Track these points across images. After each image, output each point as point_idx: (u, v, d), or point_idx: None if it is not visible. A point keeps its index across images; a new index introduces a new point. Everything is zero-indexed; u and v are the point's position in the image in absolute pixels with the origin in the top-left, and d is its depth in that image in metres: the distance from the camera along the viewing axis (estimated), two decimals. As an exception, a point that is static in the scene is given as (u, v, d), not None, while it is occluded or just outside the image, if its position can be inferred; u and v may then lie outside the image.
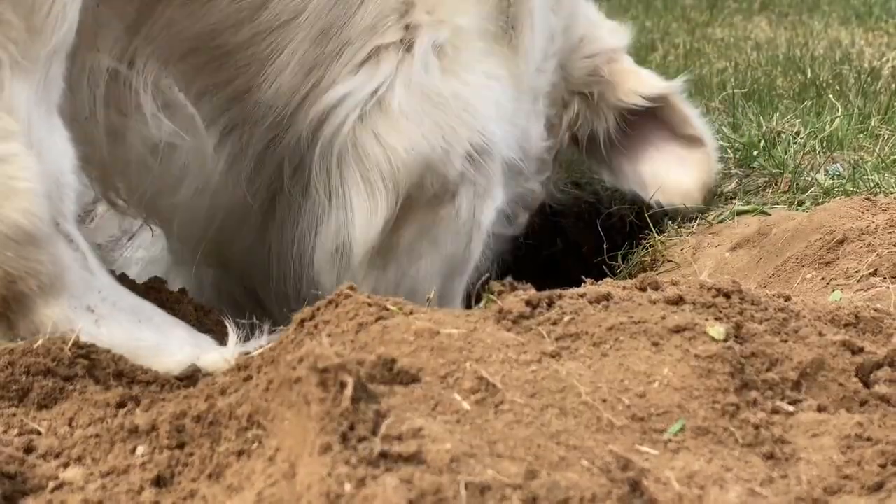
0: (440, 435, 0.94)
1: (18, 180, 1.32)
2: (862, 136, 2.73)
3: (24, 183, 1.32)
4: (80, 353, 1.32)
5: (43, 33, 1.34)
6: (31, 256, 1.33)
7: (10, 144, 1.32)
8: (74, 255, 1.42)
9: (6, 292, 1.33)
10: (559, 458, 0.97)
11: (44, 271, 1.35)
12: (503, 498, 0.90)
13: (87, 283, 1.42)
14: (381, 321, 1.15)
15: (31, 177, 1.33)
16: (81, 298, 1.40)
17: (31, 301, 1.35)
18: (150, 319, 1.49)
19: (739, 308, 1.23)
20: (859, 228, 1.85)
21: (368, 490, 0.87)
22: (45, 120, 1.39)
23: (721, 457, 1.04)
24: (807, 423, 1.11)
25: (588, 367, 1.11)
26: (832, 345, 1.20)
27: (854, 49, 4.50)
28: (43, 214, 1.34)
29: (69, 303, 1.38)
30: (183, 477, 1.04)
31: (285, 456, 0.96)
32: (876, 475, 1.03)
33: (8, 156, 1.32)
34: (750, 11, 5.89)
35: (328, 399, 0.93)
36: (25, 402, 1.25)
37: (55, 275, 1.36)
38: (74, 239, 1.42)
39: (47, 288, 1.35)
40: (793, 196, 2.41)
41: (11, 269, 1.32)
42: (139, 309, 1.50)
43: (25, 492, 1.04)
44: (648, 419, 1.06)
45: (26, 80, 1.34)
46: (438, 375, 1.06)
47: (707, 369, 1.11)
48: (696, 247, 2.29)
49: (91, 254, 1.46)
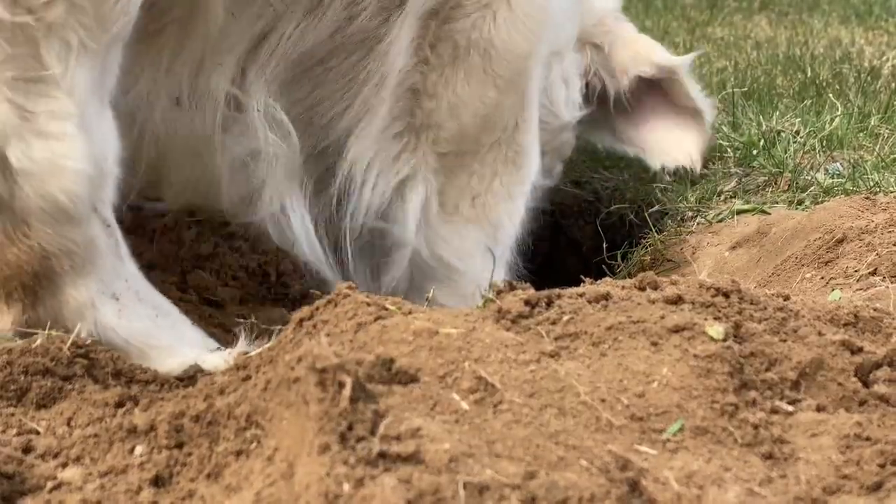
0: (439, 435, 0.94)
1: (66, 159, 1.34)
2: (862, 135, 2.73)
3: (71, 162, 1.34)
4: (79, 352, 1.32)
5: (108, 21, 1.37)
6: (67, 235, 1.36)
7: (65, 124, 1.35)
8: (108, 240, 1.44)
9: (38, 268, 1.35)
10: (558, 457, 0.97)
11: (77, 252, 1.37)
12: (502, 498, 0.90)
13: (115, 270, 1.45)
14: (379, 321, 1.15)
15: (79, 157, 1.35)
16: (109, 284, 1.42)
17: (61, 280, 1.37)
18: (167, 316, 1.51)
19: (738, 307, 1.23)
20: (859, 228, 1.85)
21: (367, 490, 0.87)
22: (98, 106, 1.42)
23: (720, 457, 1.03)
24: (806, 422, 1.11)
25: (587, 367, 1.11)
26: (831, 344, 1.20)
27: (854, 48, 4.50)
28: (84, 196, 1.36)
29: (96, 286, 1.40)
30: (181, 477, 1.04)
31: (284, 456, 0.96)
32: (875, 475, 1.03)
33: (61, 135, 1.34)
34: (750, 10, 5.89)
35: (327, 399, 0.93)
36: (24, 401, 1.25)
37: (87, 257, 1.39)
38: (111, 224, 1.45)
39: (78, 269, 1.38)
40: (792, 195, 2.41)
41: (47, 245, 1.35)
42: (158, 304, 1.52)
43: (24, 492, 1.04)
44: (647, 419, 1.06)
45: (88, 66, 1.37)
46: (437, 375, 1.06)
47: (706, 369, 1.10)
48: (695, 246, 2.29)
49: (123, 242, 1.49)
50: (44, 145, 1.33)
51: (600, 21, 2.52)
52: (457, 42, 1.98)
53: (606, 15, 2.54)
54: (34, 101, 1.33)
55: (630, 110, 2.59)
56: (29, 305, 1.37)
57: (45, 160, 1.33)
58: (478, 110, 2.03)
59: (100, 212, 1.42)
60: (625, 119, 2.61)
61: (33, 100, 1.33)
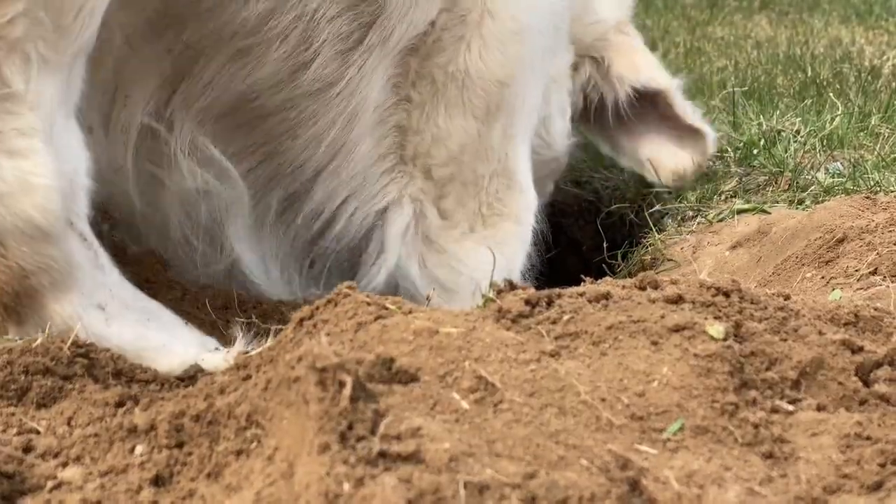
0: (439, 434, 0.94)
1: (36, 176, 1.33)
2: (862, 134, 2.72)
3: (41, 179, 1.33)
4: (79, 352, 1.32)
5: (70, 34, 1.36)
6: (45, 252, 1.35)
7: (32, 141, 1.34)
8: (87, 252, 1.43)
9: (19, 287, 1.35)
10: (558, 457, 0.97)
11: (56, 267, 1.36)
12: (502, 497, 0.89)
13: (97, 281, 1.44)
14: (379, 320, 1.15)
15: (48, 174, 1.34)
16: (92, 296, 1.42)
17: (42, 297, 1.36)
18: (158, 318, 1.51)
19: (739, 307, 1.22)
20: (859, 227, 1.85)
21: (367, 489, 0.87)
22: (65, 120, 1.41)
23: (720, 456, 1.03)
24: (806, 422, 1.11)
25: (587, 367, 1.11)
26: (832, 344, 1.20)
27: (854, 47, 4.50)
28: (58, 211, 1.35)
29: (79, 300, 1.39)
30: (182, 476, 1.04)
31: (284, 455, 0.96)
32: (875, 474, 1.03)
33: (28, 152, 1.33)
34: (750, 10, 5.88)
35: (327, 398, 0.93)
36: (24, 401, 1.25)
37: (67, 271, 1.38)
38: (87, 237, 1.44)
39: (59, 284, 1.37)
40: (793, 195, 2.41)
41: (25, 265, 1.34)
42: (148, 308, 1.51)
43: (24, 491, 1.03)
44: (647, 418, 1.06)
45: (51, 79, 1.36)
46: (437, 375, 1.06)
47: (706, 368, 1.10)
48: (695, 245, 2.29)
49: (103, 252, 1.48)
50: (12, 164, 1.32)
51: (602, 34, 2.50)
52: (435, 77, 2.00)
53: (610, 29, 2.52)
54: (2, 120, 1.32)
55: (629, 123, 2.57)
56: (16, 323, 1.37)
57: (14, 179, 1.32)
58: (463, 140, 2.05)
59: (75, 226, 1.41)
60: (624, 132, 2.59)
61: (1, 118, 1.32)
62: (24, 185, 1.32)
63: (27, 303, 1.36)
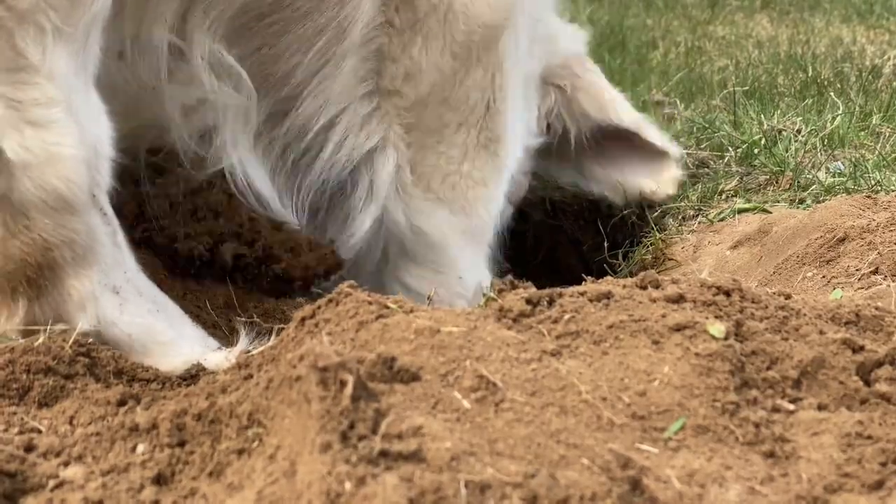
0: (440, 433, 0.94)
1: (60, 146, 1.32)
2: (863, 133, 2.73)
3: (66, 149, 1.33)
4: (81, 350, 1.32)
5: (83, 3, 1.35)
6: (68, 225, 1.34)
7: (52, 111, 1.32)
8: (107, 228, 1.42)
9: (41, 259, 1.34)
10: (559, 456, 0.97)
11: (78, 241, 1.36)
12: (503, 496, 0.90)
13: (115, 261, 1.43)
14: (381, 319, 1.15)
15: (73, 143, 1.33)
16: (110, 276, 1.41)
17: (63, 271, 1.36)
18: (166, 311, 1.50)
19: (740, 306, 1.22)
20: (860, 226, 1.85)
21: (368, 488, 0.87)
22: (84, 89, 1.40)
23: (721, 455, 1.03)
24: (807, 421, 1.11)
25: (588, 366, 1.11)
26: (833, 343, 1.20)
27: (855, 47, 4.50)
28: (82, 183, 1.34)
29: (98, 278, 1.39)
30: (183, 475, 1.04)
31: (286, 454, 0.96)
32: (876, 473, 1.03)
33: (50, 122, 1.32)
34: (751, 9, 5.88)
35: (328, 397, 0.93)
36: (26, 400, 1.26)
37: (88, 246, 1.37)
38: (107, 212, 1.43)
39: (80, 259, 1.36)
40: (794, 194, 2.41)
41: (49, 237, 1.33)
42: (157, 299, 1.51)
43: (26, 490, 1.03)
44: (649, 417, 1.06)
45: (67, 49, 1.35)
46: (438, 374, 1.06)
47: (707, 368, 1.10)
48: (696, 245, 2.29)
49: (121, 232, 1.47)
50: (35, 134, 1.31)
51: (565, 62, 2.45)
52: (417, 5, 1.92)
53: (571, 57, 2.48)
54: (21, 91, 1.30)
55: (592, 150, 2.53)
56: (34, 299, 1.36)
57: (39, 149, 1.31)
58: (434, 79, 1.96)
59: (97, 199, 1.40)
60: (590, 157, 2.55)
61: (20, 89, 1.30)
62: (48, 156, 1.31)
63: (49, 276, 1.35)
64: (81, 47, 1.38)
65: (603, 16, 5.49)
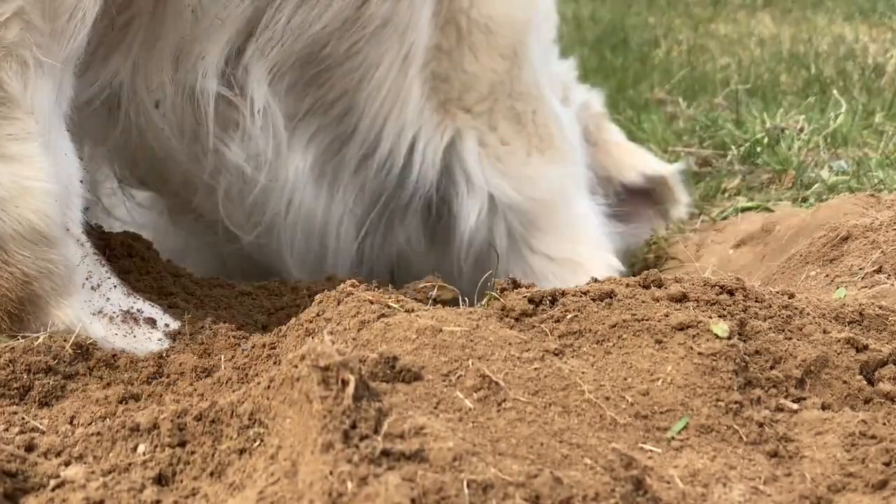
0: (442, 433, 0.94)
1: (35, 181, 1.33)
2: (866, 132, 2.72)
3: (39, 184, 1.33)
4: (81, 350, 1.32)
5: (63, 38, 1.35)
6: (45, 256, 1.34)
7: (29, 145, 1.33)
8: (84, 254, 1.43)
9: (22, 293, 1.34)
10: (562, 456, 0.97)
11: (56, 272, 1.36)
12: (506, 496, 0.89)
13: (96, 284, 1.43)
14: (383, 319, 1.15)
15: (47, 178, 1.34)
16: (92, 300, 1.41)
17: (45, 302, 1.36)
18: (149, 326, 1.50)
19: (743, 305, 1.22)
20: (863, 225, 1.84)
21: (370, 488, 0.87)
22: (59, 126, 1.40)
23: (725, 455, 1.03)
24: (811, 420, 1.10)
25: (591, 365, 1.11)
26: (836, 342, 1.20)
27: (858, 45, 4.49)
28: (56, 216, 1.35)
29: (80, 305, 1.39)
30: (184, 475, 1.04)
31: (287, 454, 0.95)
32: (880, 473, 1.03)
33: (26, 157, 1.32)
34: (753, 7, 5.88)
35: (330, 397, 0.93)
36: (26, 399, 1.25)
37: (67, 276, 1.37)
38: (84, 243, 1.43)
39: (60, 289, 1.36)
40: (797, 192, 2.41)
41: (27, 269, 1.33)
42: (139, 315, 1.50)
43: (26, 490, 1.03)
44: (652, 417, 1.06)
45: (47, 85, 1.35)
46: (441, 373, 1.06)
47: (710, 367, 1.10)
48: (699, 244, 2.29)
49: (101, 258, 1.48)
50: (9, 169, 1.31)
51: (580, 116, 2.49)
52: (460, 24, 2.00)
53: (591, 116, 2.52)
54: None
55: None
56: (19, 329, 1.36)
57: (13, 184, 1.31)
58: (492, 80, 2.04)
59: (71, 231, 1.40)
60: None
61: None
62: (22, 190, 1.32)
63: (31, 309, 1.35)
64: (59, 83, 1.38)
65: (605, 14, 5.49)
